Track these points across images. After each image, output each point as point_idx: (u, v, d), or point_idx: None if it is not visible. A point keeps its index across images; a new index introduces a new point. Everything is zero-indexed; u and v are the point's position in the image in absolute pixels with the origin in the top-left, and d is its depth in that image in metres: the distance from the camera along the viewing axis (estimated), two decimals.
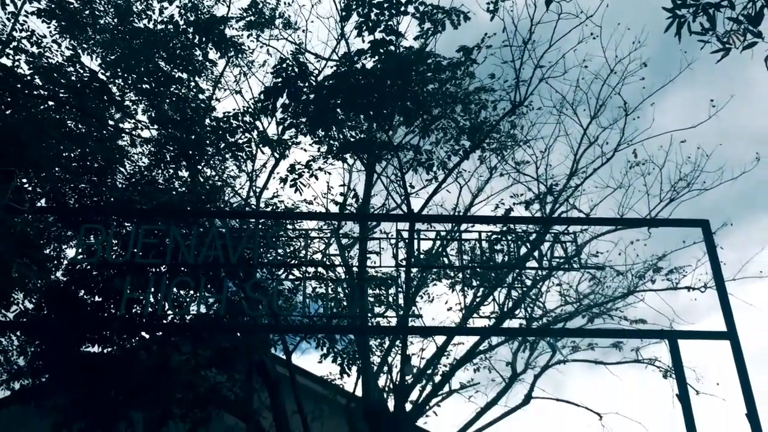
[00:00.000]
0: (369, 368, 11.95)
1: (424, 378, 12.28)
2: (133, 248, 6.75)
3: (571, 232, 7.38)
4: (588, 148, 12.58)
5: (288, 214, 11.30)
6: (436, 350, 12.44)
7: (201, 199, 10.77)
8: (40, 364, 10.29)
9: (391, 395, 12.07)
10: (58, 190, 10.10)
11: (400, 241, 7.21)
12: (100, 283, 10.07)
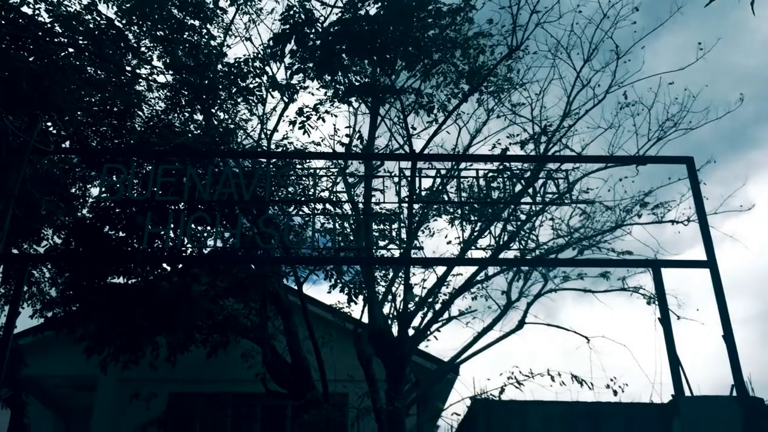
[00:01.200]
0: (374, 297, 12.11)
1: (425, 306, 12.44)
2: (152, 187, 6.78)
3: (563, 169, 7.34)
4: (581, 91, 12.48)
5: (297, 153, 11.27)
6: (437, 280, 12.56)
7: (215, 141, 10.74)
8: (70, 294, 10.46)
9: (394, 322, 12.25)
10: (81, 133, 10.06)
11: (403, 179, 7.22)
12: (123, 219, 10.15)
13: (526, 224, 11.89)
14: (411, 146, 12.20)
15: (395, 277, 12.60)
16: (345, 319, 12.86)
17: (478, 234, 12.26)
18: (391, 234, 11.43)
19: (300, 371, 11.19)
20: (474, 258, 12.11)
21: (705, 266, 6.00)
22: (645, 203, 12.18)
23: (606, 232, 12.31)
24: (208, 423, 12.57)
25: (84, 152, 10.25)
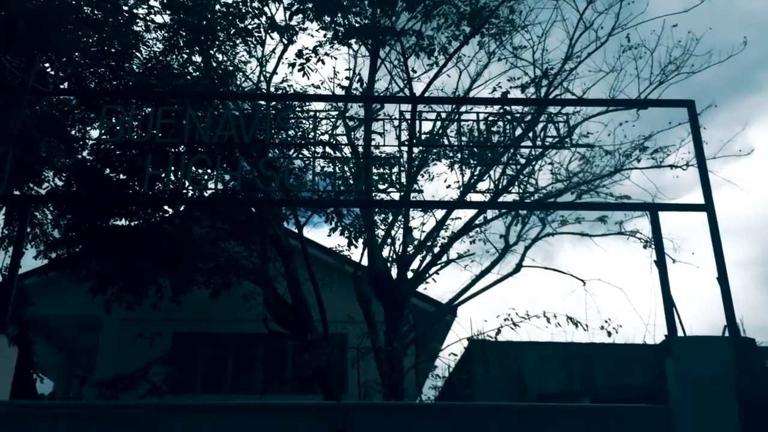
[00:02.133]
0: (374, 241, 12.19)
1: (424, 249, 12.52)
2: (152, 129, 6.73)
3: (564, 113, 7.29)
4: (583, 33, 12.28)
5: (297, 96, 11.14)
6: (436, 224, 12.62)
7: (214, 83, 10.61)
8: (72, 235, 10.50)
9: (394, 265, 12.36)
10: (79, 75, 9.92)
11: (403, 122, 7.16)
12: (124, 162, 10.11)
13: (525, 168, 11.87)
14: (411, 89, 12.07)
15: (395, 221, 12.65)
16: (345, 262, 12.95)
17: (477, 178, 12.25)
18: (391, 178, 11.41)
19: (300, 312, 11.33)
20: (473, 201, 12.11)
21: (702, 209, 6.02)
22: (644, 148, 12.14)
23: (605, 176, 12.30)
24: (211, 362, 12.79)
25: (82, 93, 10.14)
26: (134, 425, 5.16)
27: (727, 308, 5.65)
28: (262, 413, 5.52)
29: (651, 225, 6.06)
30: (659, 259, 5.92)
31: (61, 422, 5.22)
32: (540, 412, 5.75)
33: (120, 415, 5.27)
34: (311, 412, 5.50)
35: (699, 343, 5.47)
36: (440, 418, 5.48)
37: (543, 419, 5.45)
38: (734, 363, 5.29)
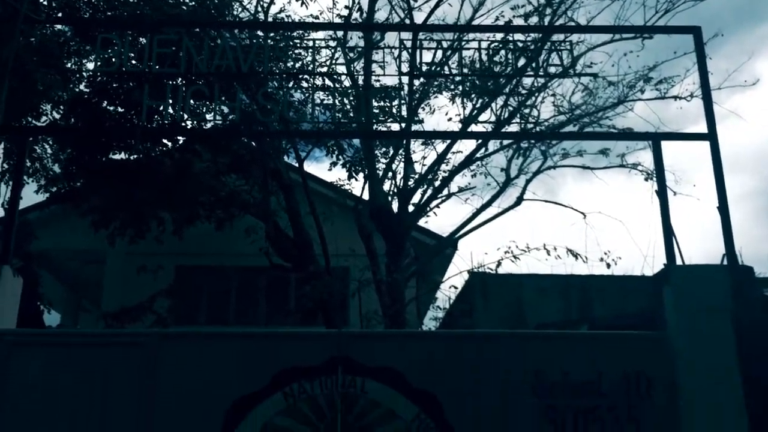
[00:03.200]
0: (375, 174, 12.15)
1: (424, 183, 12.49)
2: (148, 60, 6.62)
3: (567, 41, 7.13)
4: None
5: (295, 24, 10.90)
6: (437, 157, 12.56)
7: (210, 12, 10.37)
8: (73, 169, 10.48)
9: (394, 198, 12.36)
10: (72, 5, 9.71)
11: (404, 52, 7.03)
12: (121, 94, 9.99)
13: (527, 100, 11.72)
14: (412, 19, 11.81)
15: (395, 154, 12.57)
16: (346, 196, 12.94)
17: (479, 110, 12.11)
18: (392, 110, 11.27)
19: (302, 245, 11.40)
20: (475, 131, 11.99)
21: (705, 139, 5.96)
22: (649, 78, 11.95)
23: (608, 108, 12.15)
24: (214, 294, 12.95)
25: (76, 21, 9.92)
26: (140, 352, 5.26)
27: (726, 237, 5.66)
28: (266, 341, 5.61)
29: (653, 155, 6.02)
30: (660, 189, 5.90)
31: (68, 350, 5.31)
32: (537, 338, 5.85)
33: (126, 343, 5.37)
34: (314, 340, 5.60)
35: (697, 271, 5.51)
36: (440, 345, 5.57)
37: (540, 345, 5.54)
38: (731, 290, 5.34)
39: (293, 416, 5.20)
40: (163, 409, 5.13)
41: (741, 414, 5.06)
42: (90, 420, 5.05)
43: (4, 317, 5.34)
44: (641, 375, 5.33)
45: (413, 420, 5.22)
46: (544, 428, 5.21)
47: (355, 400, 5.24)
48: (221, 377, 5.26)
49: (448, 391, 5.28)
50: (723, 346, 5.21)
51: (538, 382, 5.31)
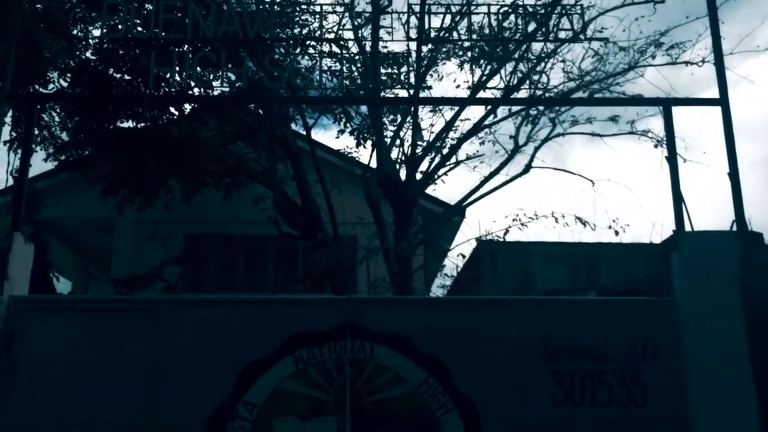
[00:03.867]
0: (382, 142, 12.12)
1: (432, 150, 12.45)
2: (154, 27, 6.58)
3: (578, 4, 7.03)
4: None
5: None
6: (445, 125, 12.49)
7: None
8: (81, 137, 10.50)
9: (402, 166, 12.34)
10: None
11: (412, 16, 6.95)
12: (128, 61, 9.96)
13: (537, 66, 11.60)
14: None
15: (403, 122, 12.52)
16: (353, 164, 12.93)
17: (488, 77, 12.01)
18: (400, 77, 11.19)
19: (310, 214, 11.43)
20: (483, 98, 11.90)
21: (717, 104, 5.90)
22: (660, 44, 11.79)
23: (618, 74, 12.02)
24: (223, 262, 13.03)
25: None
26: (151, 318, 5.32)
27: (736, 203, 5.64)
28: (275, 307, 5.66)
29: (664, 120, 5.97)
30: (670, 155, 5.87)
31: (80, 316, 5.39)
32: (545, 304, 5.88)
33: (137, 309, 5.43)
34: (322, 306, 5.64)
35: (706, 237, 5.50)
36: (448, 311, 5.61)
37: (547, 310, 5.57)
38: (740, 256, 5.34)
39: (303, 381, 5.27)
40: (174, 373, 5.21)
41: (747, 378, 5.09)
42: (103, 383, 5.14)
43: (16, 284, 5.40)
44: (648, 340, 5.36)
45: (421, 384, 5.29)
46: (551, 392, 5.27)
47: (364, 365, 5.31)
48: (232, 343, 5.33)
49: (456, 356, 5.34)
50: (730, 311, 5.23)
51: (545, 347, 5.36)
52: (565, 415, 5.23)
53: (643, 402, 5.25)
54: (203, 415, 5.12)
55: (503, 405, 5.25)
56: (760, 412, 5.02)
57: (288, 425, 5.16)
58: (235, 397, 5.19)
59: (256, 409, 5.18)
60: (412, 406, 5.25)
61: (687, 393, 5.22)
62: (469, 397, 5.26)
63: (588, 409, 5.24)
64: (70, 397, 5.10)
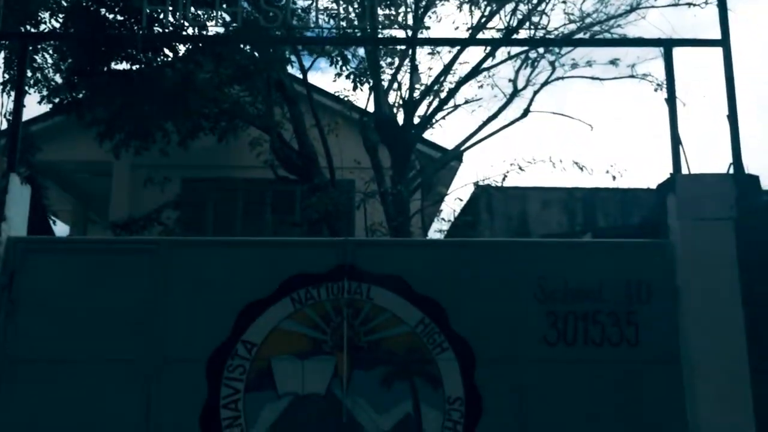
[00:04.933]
0: (380, 85, 12.00)
1: (430, 93, 12.34)
2: None
3: None
4: None
5: None
6: (443, 68, 12.35)
7: None
8: (75, 80, 10.36)
9: (400, 110, 12.25)
10: None
11: None
12: (120, 1, 9.76)
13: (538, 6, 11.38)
14: None
15: (401, 65, 12.38)
16: (350, 108, 12.82)
17: (488, 18, 11.80)
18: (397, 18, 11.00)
19: (307, 158, 11.39)
20: (483, 38, 11.73)
21: (718, 45, 5.82)
22: None
23: (619, 16, 11.83)
24: (220, 206, 13.04)
25: None
26: (150, 259, 5.36)
27: (734, 145, 5.63)
28: (273, 249, 5.70)
29: (664, 61, 5.91)
30: (670, 97, 5.83)
31: (79, 256, 5.42)
32: (540, 246, 5.93)
33: (137, 250, 5.46)
34: (320, 247, 5.68)
35: (702, 180, 5.51)
36: (444, 253, 5.66)
37: (543, 252, 5.62)
38: (736, 199, 5.36)
39: (301, 321, 5.35)
40: (174, 313, 5.28)
41: (739, 318, 5.18)
42: (103, 323, 5.21)
43: (14, 225, 5.41)
44: (642, 282, 5.42)
45: (417, 324, 5.37)
46: (545, 332, 5.36)
47: (361, 306, 5.38)
48: (230, 283, 5.39)
49: (452, 298, 5.41)
50: (724, 253, 5.27)
51: (540, 289, 5.42)
52: (557, 355, 5.33)
53: (635, 341, 5.35)
54: (203, 353, 5.21)
55: (497, 345, 5.35)
56: (750, 351, 5.12)
57: (286, 364, 5.26)
58: (234, 337, 5.27)
59: (255, 348, 5.27)
60: (409, 345, 5.34)
61: (678, 331, 5.31)
62: (465, 337, 5.35)
63: (581, 348, 5.34)
64: (72, 336, 5.19)
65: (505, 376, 5.28)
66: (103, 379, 5.12)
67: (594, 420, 5.21)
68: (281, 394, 5.21)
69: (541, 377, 5.28)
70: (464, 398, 5.25)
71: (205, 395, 5.16)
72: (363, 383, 5.24)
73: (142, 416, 5.06)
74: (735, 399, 5.09)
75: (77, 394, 5.08)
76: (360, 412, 5.20)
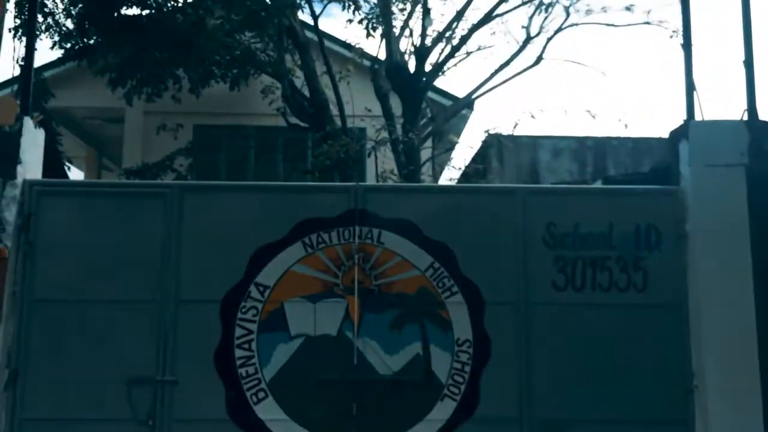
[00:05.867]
0: (391, 32, 11.82)
1: (442, 40, 12.16)
2: None
3: None
4: None
5: None
6: (455, 14, 12.13)
7: None
8: (86, 25, 10.27)
9: (411, 57, 12.08)
10: None
11: None
12: None
13: None
14: None
15: (413, 11, 12.17)
16: (362, 56, 12.66)
17: None
18: None
19: (318, 105, 11.32)
20: None
21: None
22: None
23: None
24: (232, 153, 13.02)
25: None
26: (164, 203, 5.39)
27: (749, 92, 5.53)
28: (285, 193, 5.71)
29: (681, 4, 5.77)
30: (685, 42, 5.71)
31: (94, 200, 5.45)
32: (550, 192, 5.91)
33: (150, 194, 5.48)
34: (331, 192, 5.68)
35: (715, 126, 5.44)
36: (455, 198, 5.64)
37: (553, 199, 5.60)
38: (748, 145, 5.29)
39: (312, 264, 5.39)
40: (189, 256, 5.32)
41: (747, 264, 5.17)
42: (119, 265, 5.28)
43: (30, 168, 5.44)
44: (651, 228, 5.41)
45: (427, 269, 5.40)
46: (554, 277, 5.38)
47: (372, 250, 5.41)
48: (243, 228, 5.42)
49: (462, 242, 5.42)
50: (735, 199, 5.24)
51: (550, 234, 5.42)
52: (565, 299, 5.36)
53: (643, 287, 5.36)
54: (217, 295, 5.27)
55: (506, 289, 5.38)
56: (757, 296, 5.13)
57: (298, 306, 5.32)
58: (248, 279, 5.32)
59: (268, 291, 5.33)
60: (418, 289, 5.38)
61: (686, 276, 5.32)
62: (474, 281, 5.38)
63: (589, 293, 5.37)
64: (88, 278, 5.26)
65: (513, 319, 5.32)
66: (120, 320, 5.21)
67: (599, 363, 5.27)
68: (293, 335, 5.29)
69: (549, 321, 5.33)
70: (473, 341, 5.31)
71: (219, 336, 5.24)
72: (373, 325, 5.30)
73: (158, 355, 5.16)
74: (740, 344, 5.12)
75: (94, 334, 5.18)
76: (370, 353, 5.27)
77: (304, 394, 5.20)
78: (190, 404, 5.14)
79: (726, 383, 5.07)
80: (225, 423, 5.13)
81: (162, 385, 5.14)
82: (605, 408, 5.22)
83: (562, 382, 5.24)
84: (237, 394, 5.17)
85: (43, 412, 5.08)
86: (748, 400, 5.06)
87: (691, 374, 5.21)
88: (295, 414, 5.17)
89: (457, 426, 5.19)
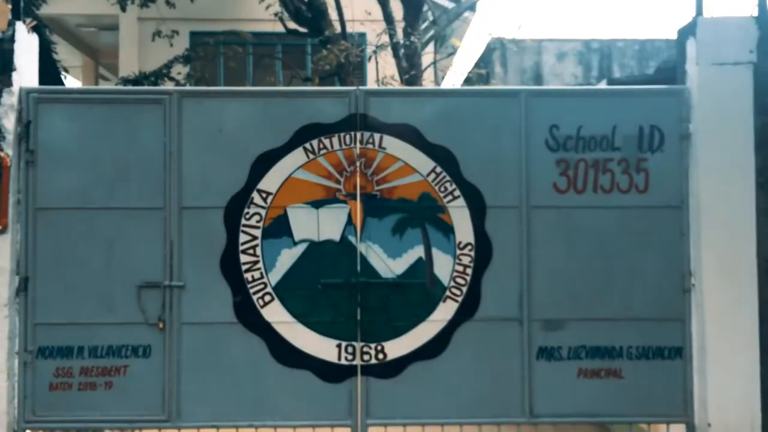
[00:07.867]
0: None
1: None
2: None
3: None
4: None
5: None
6: None
7: None
8: None
9: None
10: None
11: None
12: None
13: None
14: None
15: None
16: None
17: None
18: None
19: (317, 9, 10.99)
20: None
21: None
22: None
23: None
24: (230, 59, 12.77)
25: None
26: (162, 109, 5.32)
27: None
28: (285, 99, 5.60)
29: None
30: None
31: (92, 107, 5.37)
32: (553, 94, 5.80)
33: (149, 100, 5.39)
34: (331, 97, 5.58)
35: (724, 23, 5.27)
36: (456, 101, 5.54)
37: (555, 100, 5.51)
38: (757, 43, 5.16)
39: (314, 170, 5.38)
40: (189, 163, 5.31)
41: (749, 164, 5.16)
42: (120, 172, 5.28)
43: (25, 75, 5.34)
44: (655, 128, 5.36)
45: (429, 173, 5.39)
46: (555, 180, 5.37)
47: (374, 155, 5.38)
48: (243, 134, 5.38)
49: (464, 146, 5.39)
50: (740, 98, 5.16)
51: (552, 137, 5.38)
52: (566, 201, 5.38)
53: (644, 188, 5.36)
54: (220, 202, 5.30)
55: (508, 193, 5.39)
56: (758, 197, 5.14)
57: (301, 212, 5.35)
58: (250, 185, 5.34)
59: (271, 197, 5.35)
60: (421, 194, 5.40)
61: (688, 177, 5.31)
62: (476, 184, 5.38)
63: (590, 195, 5.38)
64: (90, 184, 5.27)
65: (514, 223, 5.36)
66: (124, 226, 5.25)
67: (599, 265, 5.34)
68: (297, 240, 5.35)
69: (550, 224, 5.36)
70: (474, 244, 5.37)
71: (224, 242, 5.31)
72: (376, 230, 5.35)
73: (164, 260, 5.24)
74: (738, 244, 5.17)
75: (99, 241, 5.24)
76: (373, 257, 5.35)
77: (309, 297, 5.31)
78: (198, 308, 5.27)
79: (723, 282, 5.15)
80: (233, 325, 5.27)
81: (170, 290, 5.24)
82: (604, 307, 5.33)
83: (562, 283, 5.33)
84: (243, 297, 5.28)
85: (55, 317, 5.21)
86: (745, 298, 5.15)
87: (690, 273, 5.29)
88: (300, 316, 5.30)
89: (459, 325, 5.33)
